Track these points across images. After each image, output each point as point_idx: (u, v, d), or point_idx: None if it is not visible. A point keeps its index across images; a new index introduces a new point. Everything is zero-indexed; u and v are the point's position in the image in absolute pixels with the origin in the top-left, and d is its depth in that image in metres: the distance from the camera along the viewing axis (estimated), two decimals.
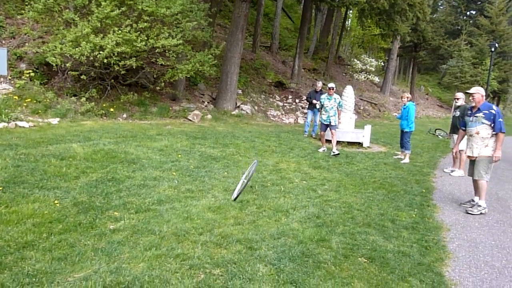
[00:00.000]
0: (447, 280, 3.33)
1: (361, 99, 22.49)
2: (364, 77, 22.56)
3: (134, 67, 9.71)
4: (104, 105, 10.32)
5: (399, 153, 9.74)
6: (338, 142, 10.65)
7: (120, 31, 9.16)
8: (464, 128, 5.82)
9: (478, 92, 5.52)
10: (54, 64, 9.14)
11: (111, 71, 9.99)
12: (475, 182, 5.63)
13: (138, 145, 7.33)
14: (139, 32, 9.60)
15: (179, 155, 6.98)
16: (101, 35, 9.09)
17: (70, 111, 9.35)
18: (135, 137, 8.09)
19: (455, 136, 7.86)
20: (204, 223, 4.14)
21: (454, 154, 6.88)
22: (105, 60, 9.14)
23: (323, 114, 9.41)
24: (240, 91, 14.85)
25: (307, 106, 12.24)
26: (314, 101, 11.23)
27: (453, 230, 4.65)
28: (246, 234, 3.94)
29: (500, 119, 5.30)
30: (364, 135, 10.64)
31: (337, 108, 9.34)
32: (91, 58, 9.10)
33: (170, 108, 12.03)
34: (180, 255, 3.33)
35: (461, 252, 3.98)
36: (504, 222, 5.16)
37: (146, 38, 9.59)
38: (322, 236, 4.04)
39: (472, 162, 5.65)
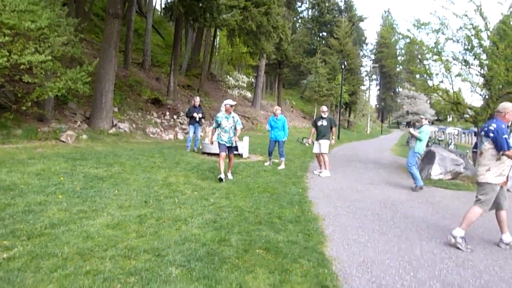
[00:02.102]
0: (328, 257, 4.08)
1: (236, 114, 23.77)
2: (238, 93, 23.90)
3: None
4: None
5: (269, 162, 10.64)
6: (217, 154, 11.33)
7: None
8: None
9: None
10: None
11: None
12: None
13: (9, 170, 6.70)
14: None
15: (61, 178, 6.62)
16: None
17: None
18: (3, 162, 7.33)
19: (321, 142, 9.28)
20: (106, 239, 4.16)
21: (321, 157, 8.15)
22: None
23: (223, 135, 8.19)
24: (116, 109, 14.39)
25: (187, 121, 12.57)
26: (195, 114, 11.65)
27: (327, 219, 5.57)
28: (152, 244, 4.12)
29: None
30: (243, 147, 11.46)
31: (235, 127, 8.32)
32: None
33: (38, 130, 11.02)
34: (90, 271, 3.36)
35: (335, 235, 4.85)
36: (365, 208, 6.36)
37: (8, 53, 8.76)
38: (222, 237, 4.46)
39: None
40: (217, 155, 11.14)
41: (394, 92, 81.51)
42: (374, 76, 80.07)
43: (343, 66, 28.61)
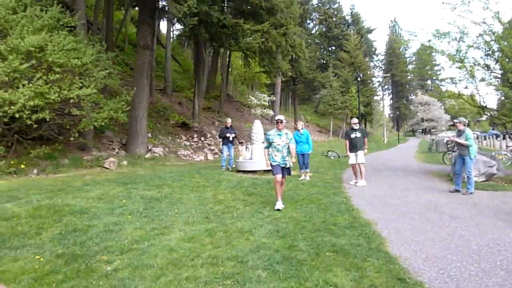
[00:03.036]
0: (393, 255, 4.44)
1: None
2: (261, 111, 24.53)
3: (47, 119, 9.43)
4: (12, 162, 9.66)
5: (302, 175, 11.08)
6: (254, 172, 11.79)
7: (31, 85, 8.92)
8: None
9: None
10: None
11: (12, 126, 9.48)
12: None
13: (74, 196, 7.24)
14: (50, 84, 9.43)
15: (123, 200, 7.13)
16: (10, 89, 8.73)
17: None
18: (64, 190, 7.89)
19: (359, 153, 9.73)
20: (188, 251, 4.60)
21: (358, 167, 8.50)
22: (17, 115, 8.75)
23: (275, 155, 7.08)
24: (149, 135, 15.04)
25: (221, 142, 13.08)
26: (228, 135, 12.20)
27: (379, 223, 5.92)
28: (230, 253, 4.54)
29: None
30: None
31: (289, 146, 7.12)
32: (0, 114, 8.62)
33: (83, 159, 11.69)
34: (190, 277, 3.80)
35: (392, 237, 5.20)
36: (410, 212, 6.70)
37: (58, 89, 9.47)
38: (290, 243, 4.86)
39: None
40: (253, 172, 11.72)
41: (407, 100, 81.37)
42: (386, 86, 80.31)
43: (358, 79, 28.88)
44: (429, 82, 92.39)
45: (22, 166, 9.72)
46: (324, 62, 49.94)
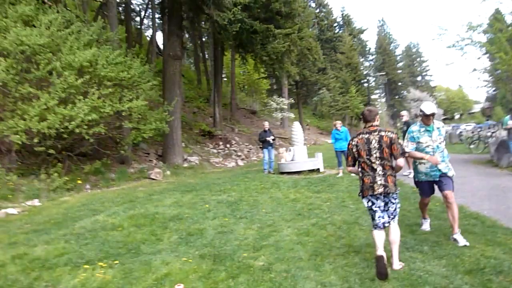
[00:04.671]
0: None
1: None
2: (281, 115, 24.74)
3: (103, 133, 9.46)
4: (66, 178, 9.64)
5: (341, 172, 11.19)
6: (298, 172, 11.90)
7: (87, 99, 8.97)
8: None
9: None
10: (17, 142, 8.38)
11: (60, 143, 9.47)
12: None
13: (155, 205, 7.28)
14: (103, 98, 9.49)
15: (205, 206, 7.20)
16: (70, 105, 8.76)
17: (42, 190, 8.57)
18: (134, 201, 7.91)
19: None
20: (318, 243, 4.72)
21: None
22: (77, 130, 8.77)
23: (422, 164, 4.80)
24: (183, 144, 15.10)
25: (261, 146, 13.15)
26: (268, 138, 12.31)
27: (472, 207, 6.09)
28: (358, 241, 4.67)
29: None
30: (319, 162, 12.05)
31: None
32: (61, 130, 8.64)
33: (127, 171, 11.71)
34: (348, 264, 3.92)
35: (497, 215, 5.37)
36: (491, 195, 6.90)
37: (111, 103, 9.53)
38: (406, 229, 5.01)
39: None
40: (297, 173, 11.83)
41: (401, 97, 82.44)
42: (381, 85, 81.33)
43: (373, 76, 29.16)
44: (419, 78, 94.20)
45: (79, 181, 9.71)
46: (321, 64, 50.48)
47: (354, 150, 4.07)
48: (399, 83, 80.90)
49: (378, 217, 3.91)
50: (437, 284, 3.34)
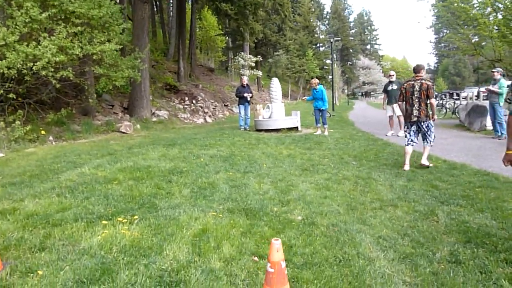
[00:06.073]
0: None
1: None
2: (250, 73, 23.87)
3: (71, 78, 8.37)
4: (27, 128, 8.52)
5: (318, 130, 11.09)
6: (276, 130, 11.57)
7: (54, 38, 7.80)
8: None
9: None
10: None
11: (20, 87, 8.28)
12: None
13: (143, 158, 6.61)
14: (70, 38, 8.33)
15: (201, 159, 6.66)
16: (33, 43, 7.57)
17: (2, 140, 7.48)
18: (114, 154, 7.15)
19: (395, 106, 9.84)
20: (347, 198, 4.47)
21: (397, 119, 8.81)
22: (43, 72, 7.65)
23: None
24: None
25: (237, 101, 12.57)
26: (246, 94, 11.76)
27: (474, 164, 6.16)
28: (385, 195, 4.49)
29: None
30: (298, 120, 11.79)
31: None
32: (24, 71, 7.48)
33: (93, 124, 10.66)
34: (392, 217, 3.70)
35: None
36: (482, 155, 7.05)
37: (80, 44, 8.40)
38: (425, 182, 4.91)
39: None
40: (274, 131, 11.47)
41: (352, 64, 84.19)
42: (336, 50, 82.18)
43: (332, 40, 29.10)
44: (368, 46, 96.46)
45: (43, 132, 8.64)
46: (278, 24, 49.51)
47: (403, 91, 6.16)
48: (351, 50, 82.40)
49: (410, 137, 6.17)
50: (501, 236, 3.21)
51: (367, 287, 2.42)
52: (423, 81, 5.92)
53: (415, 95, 5.93)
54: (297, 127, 11.73)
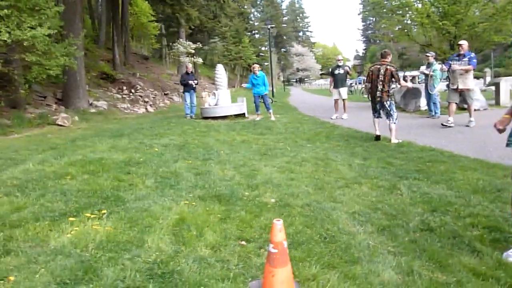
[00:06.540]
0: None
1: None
2: (189, 60, 23.12)
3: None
4: None
5: (258, 117, 11.22)
6: (223, 117, 11.46)
7: None
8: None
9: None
10: None
11: None
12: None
13: (91, 151, 6.21)
14: None
15: (154, 149, 6.42)
16: None
17: None
18: (57, 148, 6.69)
19: (341, 89, 10.27)
20: (316, 180, 4.59)
21: (342, 103, 9.38)
22: None
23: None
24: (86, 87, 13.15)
25: (182, 89, 12.22)
26: (191, 82, 11.51)
27: (419, 141, 6.63)
28: (349, 174, 4.69)
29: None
30: (244, 107, 11.79)
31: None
32: None
33: (25, 117, 9.78)
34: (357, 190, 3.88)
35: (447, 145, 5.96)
36: (425, 133, 7.61)
37: (8, 29, 7.60)
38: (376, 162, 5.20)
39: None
40: (221, 118, 11.34)
41: (286, 50, 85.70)
42: (271, 38, 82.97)
43: (268, 27, 29.24)
44: (301, 33, 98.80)
45: None
46: (212, 11, 48.68)
47: (370, 73, 6.99)
48: (285, 37, 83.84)
49: (376, 113, 7.11)
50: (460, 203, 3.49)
51: (358, 260, 2.51)
52: (388, 67, 6.70)
53: (380, 78, 6.71)
54: (244, 114, 11.74)
